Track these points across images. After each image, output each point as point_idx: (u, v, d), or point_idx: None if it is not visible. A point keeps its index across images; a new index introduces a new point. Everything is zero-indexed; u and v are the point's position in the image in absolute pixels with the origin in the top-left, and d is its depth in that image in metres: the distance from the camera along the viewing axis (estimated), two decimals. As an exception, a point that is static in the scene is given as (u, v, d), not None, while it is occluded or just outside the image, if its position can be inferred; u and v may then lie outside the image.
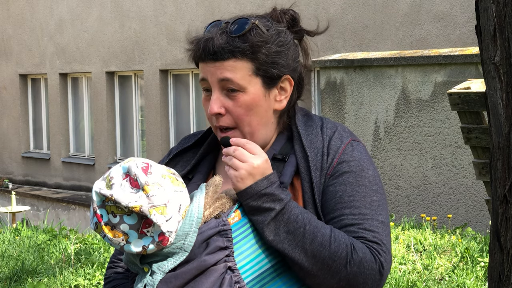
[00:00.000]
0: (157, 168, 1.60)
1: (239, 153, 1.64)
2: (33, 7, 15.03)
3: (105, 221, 1.57)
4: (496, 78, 1.61)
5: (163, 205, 1.55)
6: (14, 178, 15.79)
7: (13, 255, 6.17)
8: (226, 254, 1.59)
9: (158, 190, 1.55)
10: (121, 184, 1.56)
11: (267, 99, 1.72)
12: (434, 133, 7.41)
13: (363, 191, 1.69)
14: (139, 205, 1.54)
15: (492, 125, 1.66)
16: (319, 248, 1.60)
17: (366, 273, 1.62)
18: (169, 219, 1.55)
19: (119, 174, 1.57)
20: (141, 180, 1.55)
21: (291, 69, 1.74)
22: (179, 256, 1.59)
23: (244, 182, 1.62)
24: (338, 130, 1.76)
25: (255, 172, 1.62)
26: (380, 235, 1.67)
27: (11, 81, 15.79)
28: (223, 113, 1.71)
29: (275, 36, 1.71)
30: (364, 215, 1.67)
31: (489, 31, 1.62)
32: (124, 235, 1.56)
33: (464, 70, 7.15)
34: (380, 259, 1.64)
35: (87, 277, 5.38)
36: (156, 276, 1.59)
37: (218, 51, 1.67)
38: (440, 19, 8.81)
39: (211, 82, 1.70)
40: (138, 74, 13.40)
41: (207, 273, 1.58)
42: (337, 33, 9.89)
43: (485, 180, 3.72)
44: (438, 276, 5.10)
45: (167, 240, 1.56)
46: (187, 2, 12.09)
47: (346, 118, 8.09)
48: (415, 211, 7.57)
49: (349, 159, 1.71)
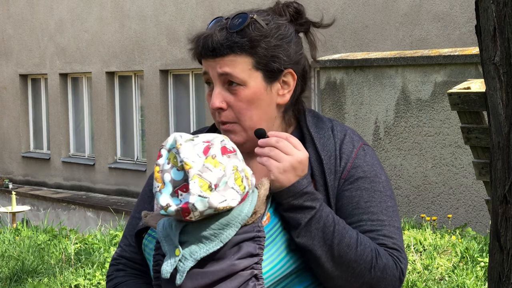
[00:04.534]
0: (236, 161, 1.56)
1: (283, 145, 1.61)
2: (33, 7, 15.03)
3: (160, 162, 1.56)
4: (496, 78, 1.61)
5: (209, 182, 1.51)
6: (14, 178, 15.79)
7: (13, 255, 6.17)
8: (255, 262, 1.57)
9: (216, 170, 1.52)
10: (196, 144, 1.54)
11: (269, 93, 1.72)
12: (434, 133, 7.41)
13: (378, 196, 1.69)
14: (190, 165, 1.51)
15: (492, 125, 1.66)
16: (346, 249, 1.59)
17: (388, 279, 1.63)
18: (203, 198, 1.50)
19: (205, 138, 1.56)
20: (211, 151, 1.53)
21: (293, 62, 1.73)
22: (214, 245, 1.55)
23: (287, 176, 1.60)
24: (348, 133, 1.75)
25: (298, 166, 1.61)
26: (398, 241, 1.68)
27: (11, 81, 15.79)
28: (225, 107, 1.70)
29: (275, 30, 1.71)
30: (382, 221, 1.67)
31: (489, 31, 1.62)
32: (162, 183, 1.54)
33: (464, 70, 7.15)
34: (400, 266, 1.65)
35: (87, 277, 5.38)
36: (187, 262, 1.55)
37: (217, 47, 1.68)
38: (440, 19, 8.81)
39: (212, 76, 1.71)
40: (138, 74, 13.40)
41: (232, 278, 1.55)
42: (337, 33, 9.89)
43: (485, 180, 3.72)
44: (438, 276, 5.10)
45: (188, 213, 1.51)
46: (187, 2, 12.08)
47: (346, 118, 8.09)
48: (415, 211, 7.57)
49: (362, 164, 1.71)
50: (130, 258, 1.81)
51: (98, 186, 13.83)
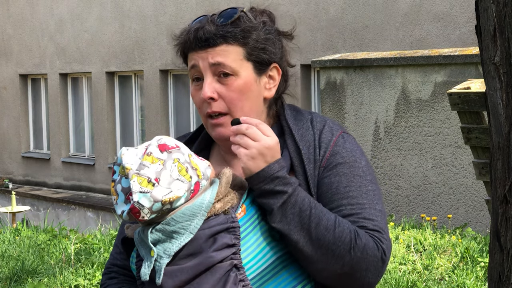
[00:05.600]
0: (178, 154, 1.59)
1: (252, 131, 1.63)
2: (33, 7, 15.03)
3: (113, 177, 1.60)
4: (496, 78, 1.61)
5: (147, 178, 1.54)
6: (14, 178, 15.79)
7: (13, 255, 6.16)
8: (233, 252, 1.59)
9: (154, 165, 1.55)
10: (139, 150, 1.59)
11: (258, 85, 1.75)
12: (434, 133, 7.41)
13: (358, 181, 1.71)
14: (129, 167, 1.55)
15: (492, 125, 1.66)
16: (324, 231, 1.60)
17: (369, 259, 1.63)
18: (144, 193, 1.54)
19: (147, 143, 1.61)
20: (147, 150, 1.57)
21: (279, 57, 1.78)
22: (184, 238, 1.58)
23: (256, 162, 1.62)
24: (327, 123, 1.78)
25: (267, 153, 1.63)
26: (380, 223, 1.68)
27: (11, 81, 15.79)
28: (216, 98, 1.72)
29: (262, 24, 1.76)
30: (361, 204, 1.68)
31: (489, 31, 1.62)
32: (116, 195, 1.59)
33: (464, 70, 7.15)
34: (382, 246, 1.65)
35: (87, 277, 5.37)
36: (163, 260, 1.58)
37: (210, 37, 1.71)
38: (440, 19, 8.81)
39: (203, 68, 1.72)
40: (138, 74, 13.41)
41: (212, 270, 1.58)
42: (337, 33, 9.89)
43: (485, 180, 3.71)
44: (438, 276, 5.10)
45: (138, 213, 1.55)
46: (187, 2, 12.09)
47: (346, 118, 8.09)
48: (415, 211, 7.57)
49: (341, 150, 1.73)
50: (121, 266, 1.85)
51: (98, 186, 13.84)
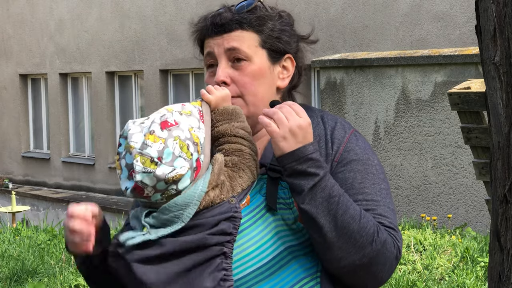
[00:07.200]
0: (178, 131, 1.56)
1: (286, 110, 1.63)
2: (33, 7, 15.03)
3: (119, 150, 1.59)
4: (496, 78, 1.61)
5: (150, 157, 1.53)
6: (14, 178, 15.78)
7: (13, 255, 6.16)
8: (227, 240, 1.58)
9: (156, 144, 1.53)
10: (145, 125, 1.57)
11: (271, 73, 1.77)
12: (434, 133, 7.40)
13: (372, 178, 1.72)
14: (133, 146, 1.54)
15: (492, 125, 1.66)
16: (350, 220, 1.60)
17: (387, 255, 1.64)
18: (148, 173, 1.53)
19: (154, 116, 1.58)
20: (150, 128, 1.55)
21: (294, 49, 1.79)
22: (176, 226, 1.58)
23: (287, 141, 1.61)
24: (339, 121, 1.79)
25: (298, 132, 1.62)
26: (394, 221, 1.70)
27: (11, 81, 15.79)
28: (229, 82, 1.73)
29: (278, 16, 1.79)
30: (376, 201, 1.69)
31: (489, 31, 1.62)
32: (121, 169, 1.58)
33: (464, 70, 7.15)
34: (397, 244, 1.67)
35: (87, 277, 5.37)
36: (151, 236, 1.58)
37: (226, 23, 1.74)
38: (440, 19, 8.81)
39: (218, 53, 1.75)
40: (138, 74, 13.40)
41: (201, 250, 1.57)
42: (337, 33, 9.89)
43: (485, 180, 3.71)
44: (438, 276, 5.10)
45: (142, 191, 1.55)
46: (187, 2, 12.09)
47: (346, 118, 8.09)
48: (415, 211, 7.56)
49: (355, 147, 1.74)
50: None
51: (98, 186, 13.83)
